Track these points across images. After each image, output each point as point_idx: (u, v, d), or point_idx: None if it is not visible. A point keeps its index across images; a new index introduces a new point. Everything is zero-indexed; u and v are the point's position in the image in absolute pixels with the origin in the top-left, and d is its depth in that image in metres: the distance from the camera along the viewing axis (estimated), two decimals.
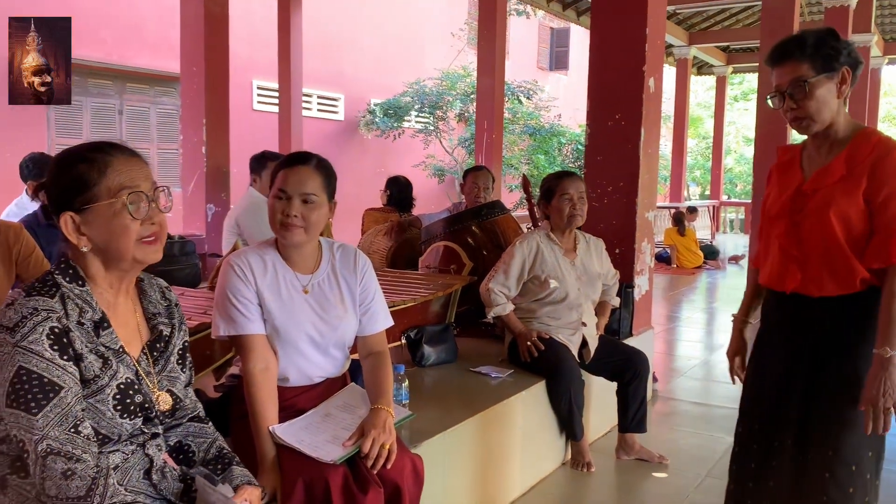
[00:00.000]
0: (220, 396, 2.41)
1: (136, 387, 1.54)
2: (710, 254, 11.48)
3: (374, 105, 13.30)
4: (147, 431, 1.58)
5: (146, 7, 9.75)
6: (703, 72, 16.61)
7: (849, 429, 1.96)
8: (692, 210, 12.17)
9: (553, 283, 3.38)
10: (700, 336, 6.74)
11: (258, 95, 11.66)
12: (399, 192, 5.34)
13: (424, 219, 4.96)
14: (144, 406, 1.55)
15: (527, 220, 4.77)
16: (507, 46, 9.11)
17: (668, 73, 12.81)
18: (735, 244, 12.66)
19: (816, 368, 2.03)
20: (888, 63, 14.16)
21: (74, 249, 1.51)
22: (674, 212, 11.59)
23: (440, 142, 13.72)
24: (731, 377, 2.36)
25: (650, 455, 3.48)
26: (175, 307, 1.73)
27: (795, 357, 2.07)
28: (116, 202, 1.48)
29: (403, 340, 3.44)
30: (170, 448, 1.70)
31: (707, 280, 10.23)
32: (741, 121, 26.08)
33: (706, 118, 24.91)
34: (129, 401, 1.52)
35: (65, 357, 1.43)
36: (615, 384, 3.50)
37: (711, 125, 18.71)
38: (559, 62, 18.55)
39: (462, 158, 13.63)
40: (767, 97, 2.08)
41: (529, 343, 3.32)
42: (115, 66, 9.61)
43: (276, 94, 9.76)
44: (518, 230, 4.29)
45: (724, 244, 12.62)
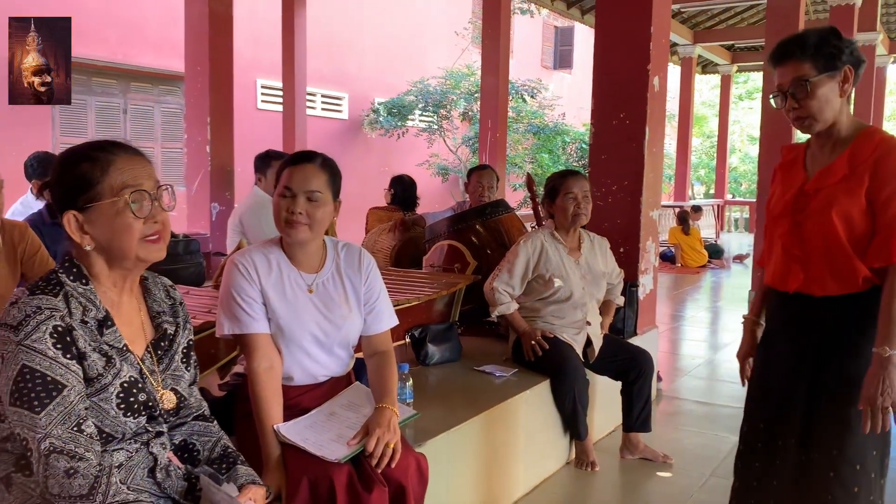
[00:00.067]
0: (225, 395, 2.41)
1: (140, 385, 1.54)
2: (715, 253, 11.47)
3: (378, 104, 13.30)
4: (151, 430, 1.58)
5: (150, 6, 9.76)
6: (708, 70, 16.56)
7: (852, 428, 1.95)
8: (697, 209, 12.15)
9: (557, 282, 3.38)
10: (704, 335, 6.73)
11: (262, 95, 11.66)
12: (403, 191, 5.33)
13: (428, 217, 4.96)
14: (148, 404, 1.56)
15: (531, 219, 4.78)
16: (511, 45, 9.10)
17: (673, 72, 12.76)
18: (740, 243, 12.62)
19: (820, 368, 2.03)
20: (894, 62, 14.08)
21: (78, 248, 1.52)
22: (678, 211, 11.57)
23: (444, 141, 13.71)
24: (742, 380, 2.32)
25: (654, 454, 3.48)
26: (180, 306, 1.73)
27: (800, 357, 2.07)
28: (119, 201, 1.48)
29: (407, 339, 3.45)
30: (175, 447, 1.71)
31: (711, 279, 10.22)
32: (746, 119, 26.02)
33: (711, 117, 24.83)
34: (133, 399, 1.52)
35: (68, 356, 1.43)
36: (619, 383, 3.50)
37: (716, 124, 18.65)
38: (563, 61, 18.53)
39: (466, 157, 13.62)
40: (770, 97, 2.08)
41: (534, 342, 3.32)
42: (119, 65, 9.63)
43: (280, 94, 9.76)
44: (522, 229, 4.29)
45: (729, 243, 12.58)
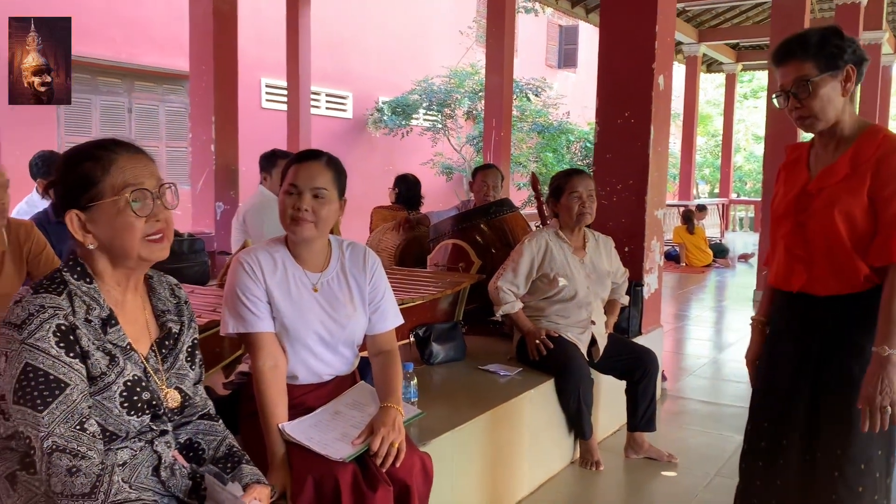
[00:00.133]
0: (230, 394, 2.41)
1: (144, 384, 1.54)
2: (720, 252, 11.44)
3: (383, 103, 13.30)
4: (156, 428, 1.59)
5: (154, 5, 9.77)
6: (713, 69, 16.52)
7: (856, 428, 1.94)
8: (701, 208, 12.13)
9: (562, 282, 3.38)
10: (709, 335, 6.72)
11: (266, 94, 11.67)
12: (407, 190, 5.34)
13: (433, 216, 4.96)
14: (152, 403, 1.56)
15: (535, 219, 4.77)
16: (516, 44, 9.07)
17: (678, 71, 12.73)
18: (744, 242, 12.62)
19: (823, 368, 2.02)
20: None
21: (82, 247, 1.52)
22: (683, 210, 11.56)
23: (448, 140, 13.70)
24: (752, 382, 2.29)
25: (659, 454, 3.47)
26: (185, 305, 1.73)
27: (803, 356, 2.07)
28: (120, 200, 1.48)
29: (412, 338, 3.45)
30: (180, 445, 1.71)
31: (716, 278, 10.20)
32: (751, 118, 25.95)
33: (715, 116, 24.78)
34: (137, 398, 1.52)
35: (71, 354, 1.43)
36: (624, 383, 3.49)
37: (721, 123, 18.60)
38: (568, 60, 18.51)
39: (470, 156, 13.61)
40: (773, 96, 2.07)
41: (538, 341, 3.31)
42: (124, 65, 9.64)
43: (285, 93, 9.78)
44: (526, 228, 4.28)
45: (734, 242, 12.58)
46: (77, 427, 1.42)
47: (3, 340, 1.43)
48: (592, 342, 3.45)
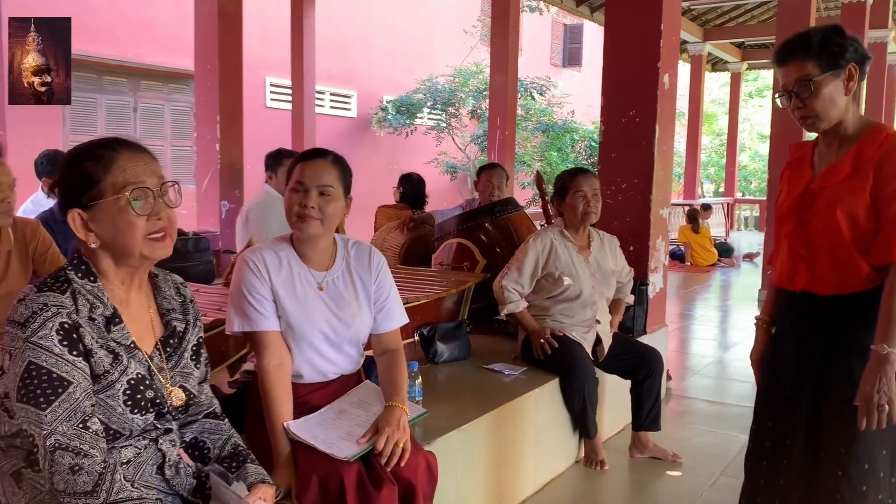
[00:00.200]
0: (235, 393, 2.42)
1: (148, 382, 1.54)
2: (725, 251, 11.43)
3: (387, 102, 13.30)
4: (160, 427, 1.59)
5: (160, 5, 9.79)
6: (718, 68, 16.47)
7: (871, 429, 1.93)
8: (706, 207, 12.10)
9: (567, 281, 3.37)
10: (714, 334, 6.71)
11: (271, 93, 11.68)
12: (412, 189, 5.34)
13: (437, 215, 4.96)
14: (156, 401, 1.56)
15: (539, 218, 4.76)
16: (520, 43, 9.09)
17: (683, 70, 12.71)
18: (749, 242, 12.56)
19: (826, 367, 2.02)
20: None
21: (86, 246, 1.52)
22: (688, 209, 11.54)
23: (452, 139, 13.71)
24: (757, 381, 2.27)
25: (664, 453, 3.47)
26: (190, 303, 1.73)
27: (806, 356, 2.06)
28: (121, 198, 1.48)
29: (416, 337, 3.45)
30: (185, 444, 1.71)
31: (721, 278, 10.18)
32: (756, 117, 25.88)
33: (720, 115, 24.70)
34: (140, 396, 1.52)
35: (74, 352, 1.44)
36: (629, 382, 3.49)
37: (726, 122, 18.55)
38: (572, 58, 18.48)
39: (475, 155, 13.61)
40: (775, 96, 2.07)
41: (543, 340, 3.31)
42: (130, 64, 9.66)
43: (290, 92, 9.78)
44: (531, 227, 4.28)
45: (739, 242, 12.53)
46: (80, 425, 1.42)
47: (8, 339, 1.44)
48: (597, 341, 3.44)
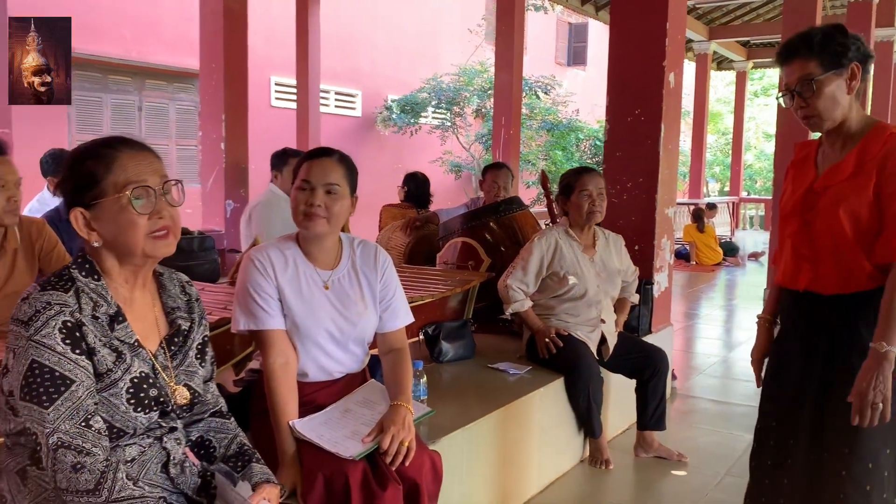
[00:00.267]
0: (240, 391, 2.42)
1: (151, 380, 1.55)
2: (730, 251, 11.40)
3: (392, 101, 13.31)
4: (164, 425, 1.59)
5: (165, 4, 9.81)
6: (723, 67, 16.43)
7: (863, 426, 1.93)
8: (711, 207, 12.08)
9: (572, 280, 3.37)
10: (719, 333, 6.69)
11: (276, 92, 11.70)
12: (416, 189, 5.33)
13: (442, 214, 4.95)
14: (159, 400, 1.56)
15: (544, 217, 4.76)
16: (525, 42, 9.05)
17: (688, 69, 12.67)
18: (755, 241, 12.53)
19: (829, 366, 2.02)
20: None
21: (89, 244, 1.53)
22: (693, 208, 11.51)
23: (457, 138, 13.70)
24: (757, 380, 2.28)
25: (669, 453, 3.46)
26: (196, 302, 1.73)
27: (809, 355, 2.06)
28: (122, 197, 1.48)
29: (421, 336, 3.45)
30: (191, 443, 1.71)
31: (726, 277, 10.16)
32: (761, 116, 25.81)
33: (726, 114, 24.65)
34: (143, 394, 1.52)
35: (77, 351, 1.44)
36: (634, 381, 3.48)
37: (731, 121, 18.48)
38: (577, 57, 18.47)
39: (479, 154, 13.61)
40: (777, 96, 2.06)
41: (548, 340, 3.30)
42: (135, 63, 9.68)
43: (294, 91, 9.78)
44: (536, 226, 4.27)
45: (744, 241, 12.50)
46: (82, 424, 1.42)
47: (12, 337, 1.44)
48: (602, 341, 3.44)
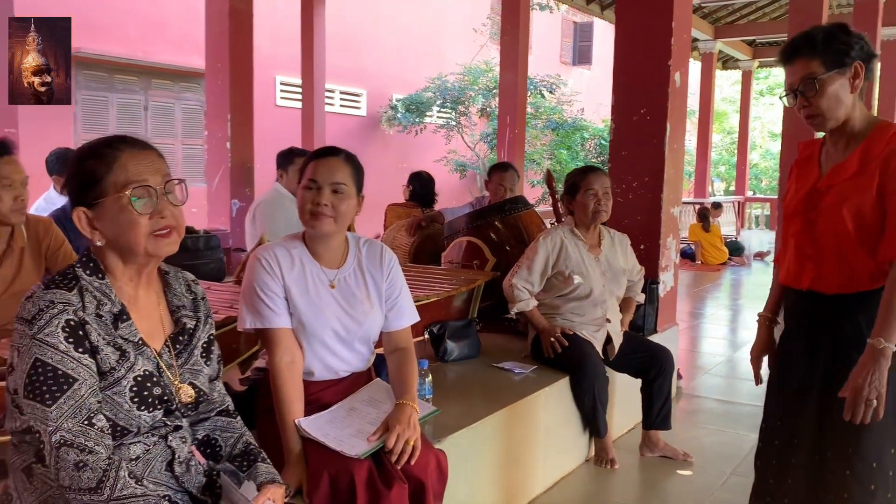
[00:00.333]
0: (246, 390, 2.42)
1: (156, 379, 1.55)
2: (735, 250, 11.37)
3: (396, 100, 13.31)
4: (169, 424, 1.59)
5: (171, 3, 9.83)
6: (729, 66, 16.38)
7: (868, 426, 1.92)
8: (717, 206, 12.05)
9: (577, 279, 3.36)
10: (724, 333, 6.69)
11: (281, 91, 11.70)
12: (421, 188, 5.34)
13: (447, 214, 4.95)
14: (164, 398, 1.56)
15: (550, 216, 4.75)
16: (530, 41, 9.05)
17: (693, 68, 12.65)
18: (760, 240, 12.52)
19: (832, 366, 2.01)
20: None
21: (93, 243, 1.53)
22: (698, 208, 11.49)
23: (462, 137, 13.70)
24: (756, 379, 2.29)
25: (674, 452, 3.46)
26: (201, 301, 1.73)
27: (813, 354, 2.06)
28: (122, 197, 1.49)
29: (426, 335, 3.45)
30: (197, 442, 1.71)
31: (732, 276, 10.14)
32: (767, 116, 25.76)
33: (731, 113, 24.60)
34: (147, 393, 1.53)
35: (80, 349, 1.45)
36: (639, 381, 3.48)
37: (737, 120, 18.46)
38: (582, 56, 18.43)
39: (484, 154, 13.60)
40: (781, 96, 2.06)
41: (553, 339, 3.30)
42: (140, 62, 9.70)
43: (300, 90, 9.79)
44: (541, 226, 4.27)
45: (749, 240, 12.49)
46: (85, 422, 1.43)
47: (16, 336, 1.45)
48: (608, 340, 3.44)
